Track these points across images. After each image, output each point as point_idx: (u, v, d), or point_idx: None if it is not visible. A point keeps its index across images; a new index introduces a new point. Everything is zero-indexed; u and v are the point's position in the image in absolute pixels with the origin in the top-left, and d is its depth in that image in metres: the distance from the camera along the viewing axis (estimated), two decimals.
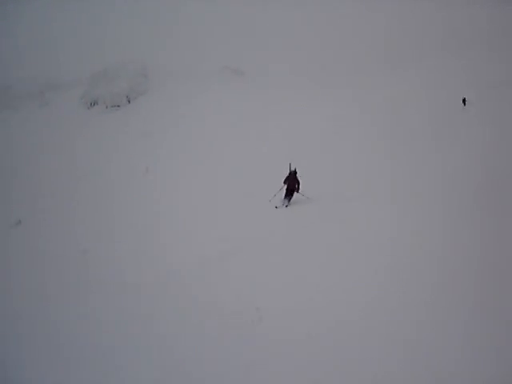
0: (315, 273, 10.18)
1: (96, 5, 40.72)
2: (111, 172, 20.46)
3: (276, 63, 29.87)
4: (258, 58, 30.60)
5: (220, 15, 36.66)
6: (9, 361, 8.91)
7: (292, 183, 15.24)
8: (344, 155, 18.28)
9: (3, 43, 37.56)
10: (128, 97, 29.32)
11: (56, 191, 19.52)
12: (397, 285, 9.16)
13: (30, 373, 8.52)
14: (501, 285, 8.67)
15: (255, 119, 23.34)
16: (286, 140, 20.52)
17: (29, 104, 30.96)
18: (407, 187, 14.38)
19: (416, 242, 10.63)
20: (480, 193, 12.96)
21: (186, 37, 34.77)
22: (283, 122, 22.50)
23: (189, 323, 9.26)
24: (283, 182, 15.31)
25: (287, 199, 15.22)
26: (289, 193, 15.23)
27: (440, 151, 16.97)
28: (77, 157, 22.73)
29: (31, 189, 20.20)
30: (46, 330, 9.74)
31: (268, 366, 7.76)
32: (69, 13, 40.29)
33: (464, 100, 21.07)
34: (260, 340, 8.37)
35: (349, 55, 29.39)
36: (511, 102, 19.81)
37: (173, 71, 30.35)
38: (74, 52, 35.49)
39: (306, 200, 15.01)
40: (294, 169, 15.35)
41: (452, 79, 23.46)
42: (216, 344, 8.47)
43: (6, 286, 12.14)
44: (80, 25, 38.73)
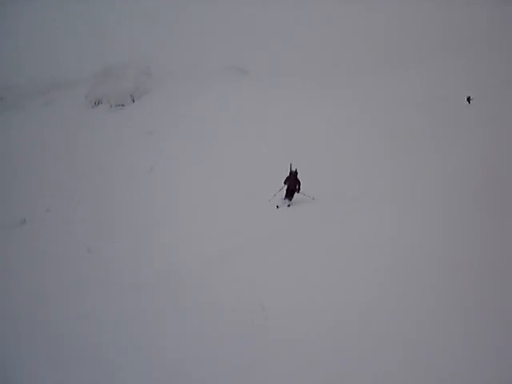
0: (315, 273, 10.19)
1: (100, 5, 40.73)
2: (115, 171, 20.51)
3: (276, 63, 29.87)
4: (261, 58, 30.59)
5: (222, 15, 36.67)
6: (9, 361, 8.92)
7: (293, 183, 15.25)
8: (344, 155, 18.28)
9: (7, 43, 37.62)
10: (132, 96, 29.26)
11: (60, 190, 19.57)
12: (397, 285, 9.16)
13: (30, 373, 8.52)
14: (501, 285, 8.67)
15: (256, 119, 23.36)
16: (286, 140, 20.52)
17: (34, 103, 31.01)
18: (407, 187, 14.38)
19: (416, 242, 10.63)
20: (480, 193, 12.95)
21: (190, 36, 34.81)
22: (284, 122, 22.51)
23: (189, 323, 9.27)
24: (284, 183, 15.31)
25: (288, 198, 15.23)
26: (289, 193, 15.24)
27: (440, 151, 16.97)
28: (81, 156, 22.75)
29: (35, 188, 20.24)
30: (46, 330, 9.75)
31: (267, 366, 7.77)
32: (73, 13, 40.32)
33: (469, 98, 21.17)
34: (260, 340, 8.38)
35: (349, 55, 29.38)
36: (511, 102, 19.81)
37: (177, 70, 30.39)
38: (79, 51, 35.55)
39: (306, 200, 15.02)
40: (295, 169, 15.36)
41: (452, 79, 23.47)
42: (216, 344, 8.48)
43: (6, 286, 12.15)
44: (84, 25, 38.80)
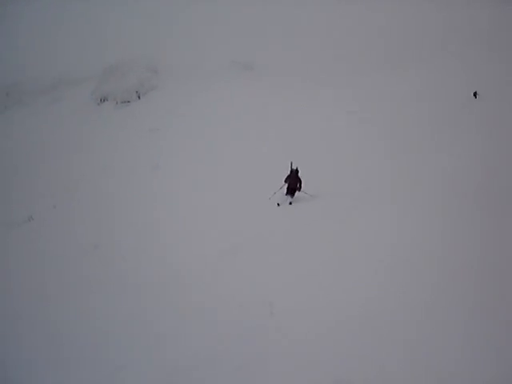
0: (315, 273, 10.19)
1: (104, 3, 40.62)
2: (121, 168, 20.54)
3: (276, 63, 29.83)
4: (264, 56, 30.54)
5: (224, 13, 36.62)
6: (9, 361, 8.92)
7: (293, 182, 15.15)
8: (344, 155, 18.27)
9: (12, 40, 37.55)
10: (138, 92, 29.18)
11: (67, 186, 19.61)
12: (397, 285, 9.17)
13: (30, 373, 8.53)
14: (501, 285, 8.67)
15: (257, 118, 23.37)
16: (286, 139, 20.50)
17: (40, 100, 31.01)
18: (407, 187, 14.37)
19: (416, 242, 10.63)
20: (480, 193, 12.95)
21: (195, 32, 34.70)
22: (284, 122, 22.51)
23: (189, 323, 9.27)
24: (284, 181, 15.25)
25: (290, 196, 15.13)
26: (290, 191, 15.17)
27: (440, 151, 16.96)
28: (87, 152, 22.78)
29: (41, 184, 20.29)
30: (46, 330, 9.75)
31: (268, 366, 7.77)
32: (78, 9, 40.22)
33: (475, 93, 21.22)
34: (260, 340, 8.38)
35: (349, 55, 29.35)
36: (511, 103, 19.80)
37: (182, 66, 30.28)
38: (84, 49, 35.46)
39: (305, 200, 15.00)
40: (296, 167, 15.29)
41: (452, 79, 23.42)
42: (216, 344, 8.48)
43: (7, 286, 12.16)
44: (88, 23, 38.66)
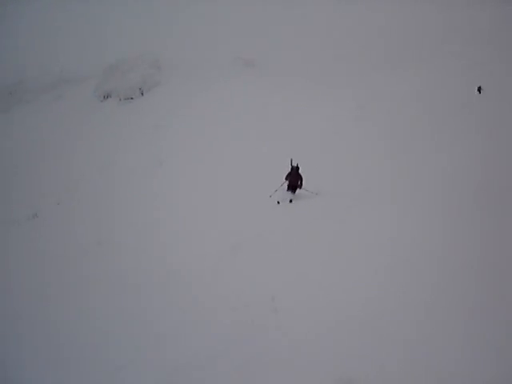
0: (314, 273, 10.18)
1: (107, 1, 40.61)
2: (124, 165, 20.56)
3: (278, 62, 29.84)
4: (266, 54, 30.52)
5: (226, 11, 36.65)
6: (9, 361, 8.92)
7: (294, 179, 15.03)
8: (344, 155, 18.26)
9: (16, 37, 37.52)
10: (141, 89, 29.18)
11: (69, 184, 19.65)
12: (397, 285, 9.16)
13: (30, 373, 8.52)
14: (501, 285, 8.67)
15: (258, 117, 23.38)
16: (287, 138, 20.50)
17: (43, 97, 31.03)
18: (407, 187, 14.37)
19: (416, 242, 10.62)
20: (480, 193, 12.95)
21: (197, 29, 34.68)
22: (284, 121, 22.52)
23: (189, 323, 9.27)
24: (285, 178, 15.15)
25: (291, 193, 15.03)
26: (291, 189, 15.06)
27: (440, 151, 16.95)
28: (91, 149, 22.80)
29: (45, 181, 20.31)
30: (46, 330, 9.75)
31: (268, 366, 7.77)
32: (80, 6, 40.20)
33: (479, 88, 21.21)
34: (260, 340, 8.37)
35: (349, 55, 29.36)
36: (511, 103, 19.79)
37: (185, 62, 30.28)
38: (85, 47, 35.45)
39: (305, 199, 14.98)
40: (296, 164, 15.16)
41: (452, 79, 23.43)
42: (216, 344, 8.47)
43: (6, 286, 12.16)
44: (91, 20, 38.66)
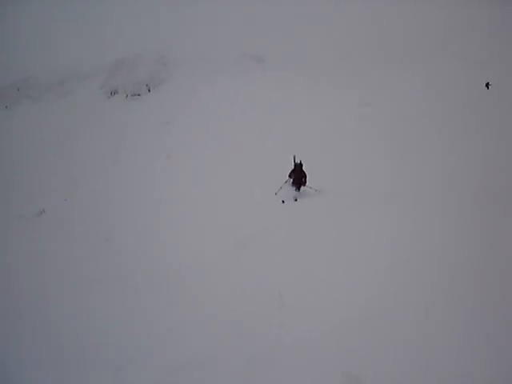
0: (314, 274, 10.20)
1: None
2: (131, 161, 20.60)
3: (280, 61, 29.84)
4: (272, 52, 30.49)
5: (224, 13, 36.59)
6: (9, 361, 8.91)
7: (298, 176, 14.92)
8: (344, 155, 18.26)
9: (22, 33, 37.45)
10: (148, 85, 29.20)
11: (77, 180, 19.66)
12: (397, 285, 9.17)
13: (30, 373, 8.52)
14: (501, 285, 8.67)
15: (261, 114, 23.42)
16: (288, 138, 20.51)
17: (50, 94, 31.03)
18: (407, 187, 14.38)
19: (416, 242, 10.63)
20: (480, 193, 12.95)
21: (204, 25, 34.60)
22: (286, 120, 22.55)
23: (189, 323, 9.27)
24: (288, 176, 15.07)
25: (296, 190, 14.94)
26: (295, 186, 14.99)
27: (440, 151, 16.96)
28: (98, 146, 22.81)
29: (53, 178, 20.35)
30: (46, 330, 9.75)
31: (268, 366, 7.77)
32: (80, 6, 40.14)
33: (487, 84, 21.29)
34: (260, 339, 8.37)
35: (349, 55, 29.37)
36: (511, 103, 19.80)
37: (192, 58, 30.24)
38: (93, 42, 35.38)
39: (307, 197, 14.97)
40: (300, 161, 15.05)
41: (452, 79, 23.44)
42: (216, 343, 8.47)
43: (6, 286, 12.15)
44: (98, 15, 38.59)
